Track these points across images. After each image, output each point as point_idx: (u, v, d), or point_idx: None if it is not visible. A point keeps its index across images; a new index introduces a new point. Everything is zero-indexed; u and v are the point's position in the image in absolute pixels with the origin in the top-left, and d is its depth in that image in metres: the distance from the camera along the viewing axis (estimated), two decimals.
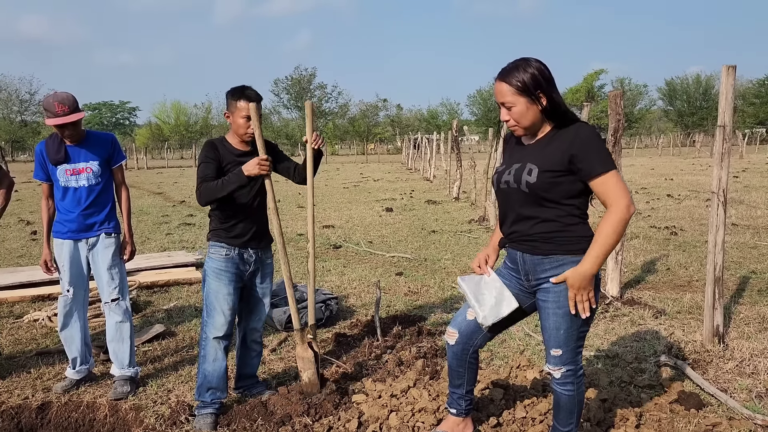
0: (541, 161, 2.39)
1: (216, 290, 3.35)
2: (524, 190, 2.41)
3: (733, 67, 4.01)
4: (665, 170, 25.08)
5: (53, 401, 3.62)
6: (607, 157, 2.33)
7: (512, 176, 2.46)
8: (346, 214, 12.55)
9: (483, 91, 73.74)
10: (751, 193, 14.43)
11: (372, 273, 6.90)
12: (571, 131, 2.37)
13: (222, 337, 3.37)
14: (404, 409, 3.19)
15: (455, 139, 15.54)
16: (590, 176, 2.33)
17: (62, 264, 3.75)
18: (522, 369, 3.74)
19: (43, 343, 4.70)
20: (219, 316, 3.35)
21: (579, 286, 2.35)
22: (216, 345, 3.37)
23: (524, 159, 2.46)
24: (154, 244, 9.12)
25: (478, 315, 2.56)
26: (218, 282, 3.36)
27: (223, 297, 3.35)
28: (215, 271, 3.36)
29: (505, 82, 2.38)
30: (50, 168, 3.70)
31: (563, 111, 2.40)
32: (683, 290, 5.84)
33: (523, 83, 2.34)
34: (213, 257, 3.38)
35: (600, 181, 2.32)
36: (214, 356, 3.37)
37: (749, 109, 65.15)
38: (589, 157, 2.31)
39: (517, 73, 2.36)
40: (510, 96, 2.37)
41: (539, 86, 2.35)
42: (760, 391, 3.55)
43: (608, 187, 2.31)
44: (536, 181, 2.37)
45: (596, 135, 2.36)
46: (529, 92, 2.35)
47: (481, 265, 2.69)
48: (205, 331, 3.39)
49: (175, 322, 5.20)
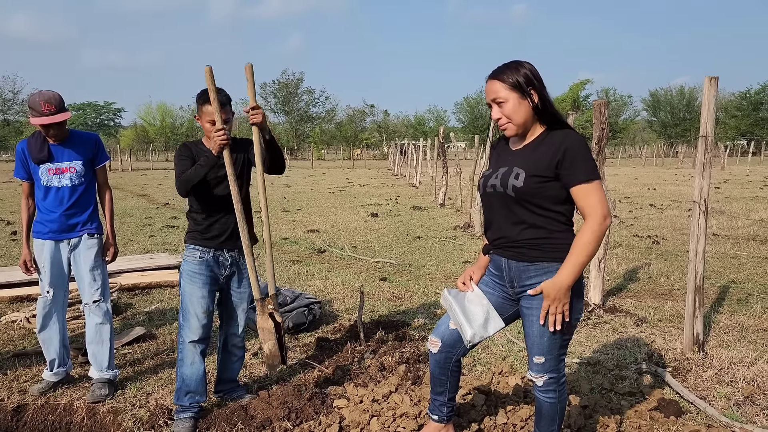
0: (528, 166, 2.39)
1: (190, 293, 3.31)
2: (511, 194, 2.40)
3: (716, 78, 4.06)
4: (648, 180, 25.35)
5: (29, 403, 3.56)
6: (592, 167, 2.34)
7: (499, 180, 2.46)
8: (332, 218, 12.53)
9: (470, 99, 74.23)
10: (731, 204, 14.63)
11: (356, 278, 6.88)
12: (559, 136, 2.38)
13: (198, 341, 3.32)
14: (386, 414, 3.18)
15: (442, 146, 15.59)
16: (572, 183, 2.33)
17: (42, 265, 3.70)
18: (504, 375, 3.75)
19: (20, 344, 4.63)
20: (194, 320, 3.30)
21: (554, 297, 2.34)
22: (192, 349, 3.32)
23: (511, 163, 2.46)
24: (137, 246, 9.03)
25: (465, 332, 2.52)
26: (192, 285, 3.31)
27: (197, 300, 3.30)
28: (189, 273, 3.32)
29: (497, 79, 2.39)
30: (32, 167, 3.65)
31: (553, 112, 2.42)
32: (664, 299, 5.90)
33: (515, 80, 2.36)
34: (188, 260, 3.35)
35: (581, 189, 2.32)
36: (191, 360, 3.32)
37: (731, 122, 66.13)
38: (575, 165, 2.32)
39: (509, 71, 2.38)
40: (503, 92, 2.38)
41: (531, 83, 2.37)
42: (738, 399, 3.58)
43: (588, 198, 2.32)
44: (523, 185, 2.37)
45: (584, 143, 2.37)
46: (521, 88, 2.36)
47: (466, 282, 2.67)
48: (181, 334, 3.34)
49: (156, 324, 5.14)
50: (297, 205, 15.39)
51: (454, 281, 6.71)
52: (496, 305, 2.60)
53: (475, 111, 73.56)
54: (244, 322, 3.56)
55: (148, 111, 72.78)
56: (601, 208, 2.30)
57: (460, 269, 7.36)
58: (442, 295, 2.66)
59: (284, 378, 3.94)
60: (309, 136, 71.05)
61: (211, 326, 3.41)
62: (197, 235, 3.34)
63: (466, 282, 2.67)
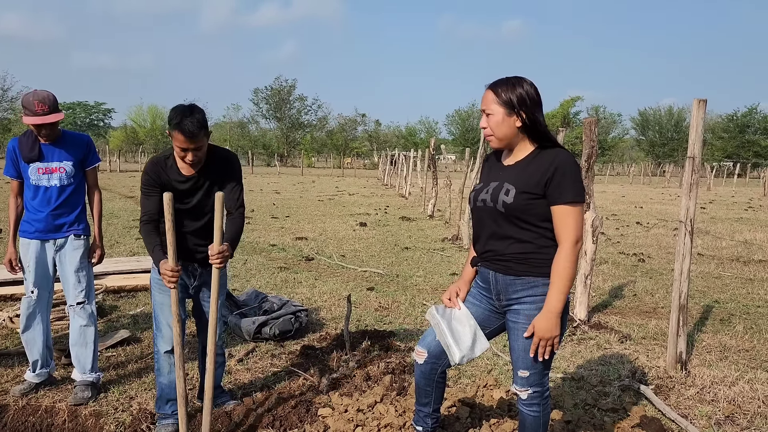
0: (518, 182, 2.41)
1: (160, 302, 3.25)
2: (500, 209, 2.43)
3: (704, 100, 4.13)
4: (635, 198, 25.58)
5: (10, 404, 3.52)
6: (579, 189, 2.37)
7: (489, 195, 2.49)
8: (320, 226, 12.52)
9: (462, 112, 74.62)
10: (716, 225, 14.80)
11: (343, 287, 6.88)
12: (551, 155, 2.40)
13: (171, 351, 3.25)
14: (370, 424, 3.18)
15: (432, 158, 15.65)
16: (556, 202, 2.36)
17: (27, 264, 3.67)
18: (489, 388, 3.76)
19: (2, 344, 4.57)
20: (166, 329, 3.24)
21: (546, 330, 2.37)
22: (167, 359, 3.27)
23: (502, 178, 2.49)
24: (123, 248, 8.98)
25: (453, 354, 2.51)
26: (162, 294, 3.24)
27: (167, 309, 3.22)
28: (158, 282, 3.23)
29: (491, 90, 2.43)
30: (22, 165, 3.63)
31: (543, 131, 2.44)
32: (649, 316, 5.95)
33: (508, 97, 2.39)
34: (156, 267, 3.25)
35: (563, 210, 2.35)
36: (167, 369, 3.28)
37: (718, 143, 67.05)
38: (563, 184, 2.35)
39: (506, 86, 2.41)
40: (492, 104, 2.42)
41: (523, 104, 2.39)
42: (719, 418, 3.62)
43: (567, 219, 2.35)
44: (513, 201, 2.40)
45: (574, 164, 2.40)
46: (512, 106, 2.39)
47: (452, 298, 2.68)
48: (156, 344, 3.29)
49: (141, 328, 5.11)
50: (286, 212, 15.37)
51: (441, 293, 6.73)
52: (482, 317, 2.62)
53: (466, 124, 73.99)
54: (221, 330, 3.46)
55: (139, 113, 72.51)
56: (576, 232, 2.35)
57: (447, 281, 7.38)
58: (429, 312, 2.65)
59: (269, 385, 3.93)
60: (300, 144, 71.04)
61: (184, 335, 3.33)
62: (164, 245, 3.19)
63: (452, 299, 2.68)
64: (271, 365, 4.31)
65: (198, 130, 2.95)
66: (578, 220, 2.36)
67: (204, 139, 3.03)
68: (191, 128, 2.93)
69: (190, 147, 2.98)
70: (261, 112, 71.95)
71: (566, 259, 2.34)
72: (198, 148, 3.02)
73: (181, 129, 2.92)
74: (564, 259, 2.34)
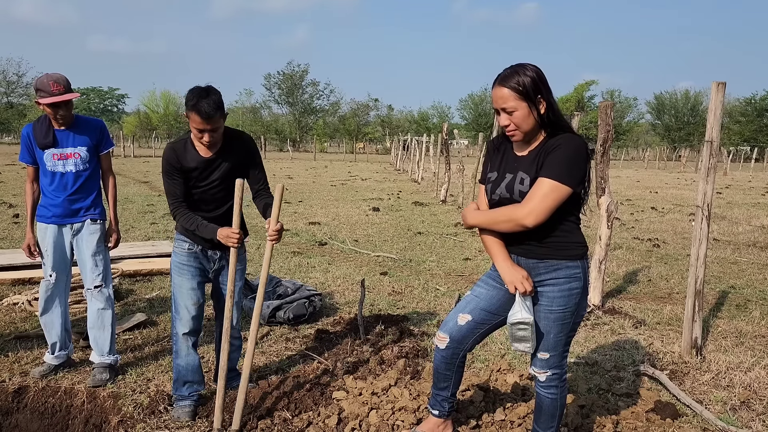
0: (531, 171, 2.39)
1: (179, 285, 3.28)
2: (518, 199, 2.41)
3: (723, 83, 4.06)
4: (650, 183, 25.35)
5: (30, 386, 3.58)
6: (567, 171, 2.30)
7: (504, 188, 2.47)
8: (333, 211, 12.54)
9: (474, 96, 74.05)
10: (733, 210, 14.64)
11: (356, 271, 6.90)
12: (558, 139, 2.38)
13: (189, 333, 3.31)
14: (384, 407, 3.20)
15: (445, 142, 15.58)
16: (541, 174, 2.33)
17: (45, 249, 3.71)
18: (502, 372, 3.77)
19: (22, 326, 4.65)
20: (184, 312, 3.28)
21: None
22: (185, 341, 3.31)
23: (516, 169, 2.46)
24: (139, 233, 9.05)
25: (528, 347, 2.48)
26: (181, 277, 3.28)
27: (186, 292, 3.27)
28: (178, 265, 3.29)
29: (507, 87, 2.35)
30: (37, 152, 3.66)
31: (558, 118, 2.41)
32: (663, 302, 5.92)
33: (525, 87, 2.34)
34: (176, 251, 3.31)
35: (542, 181, 2.32)
36: (185, 352, 3.32)
37: (735, 127, 66.06)
38: (553, 160, 2.32)
39: (517, 77, 2.35)
40: (512, 101, 2.35)
41: (539, 91, 2.36)
42: (734, 404, 3.60)
43: (538, 190, 2.31)
44: (528, 189, 2.38)
45: (577, 149, 2.34)
46: (530, 97, 2.35)
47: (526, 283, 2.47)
48: (174, 326, 3.33)
49: (157, 311, 5.17)
50: (299, 197, 15.41)
51: (454, 278, 6.74)
52: (502, 301, 2.62)
53: (479, 108, 73.44)
54: (239, 315, 3.49)
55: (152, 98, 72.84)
56: (535, 207, 2.30)
57: (460, 266, 7.38)
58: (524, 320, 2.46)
59: (284, 369, 3.96)
60: (312, 129, 70.98)
61: (202, 318, 3.40)
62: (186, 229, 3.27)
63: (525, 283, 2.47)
64: (285, 349, 4.35)
65: (214, 111, 2.97)
66: (545, 199, 2.29)
67: (221, 120, 3.05)
68: (207, 109, 2.94)
69: (207, 128, 3.00)
70: (273, 97, 71.93)
71: (506, 214, 2.38)
72: (214, 129, 3.04)
73: (197, 110, 2.94)
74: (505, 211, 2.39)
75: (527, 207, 2.32)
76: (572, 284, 2.45)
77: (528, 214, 2.31)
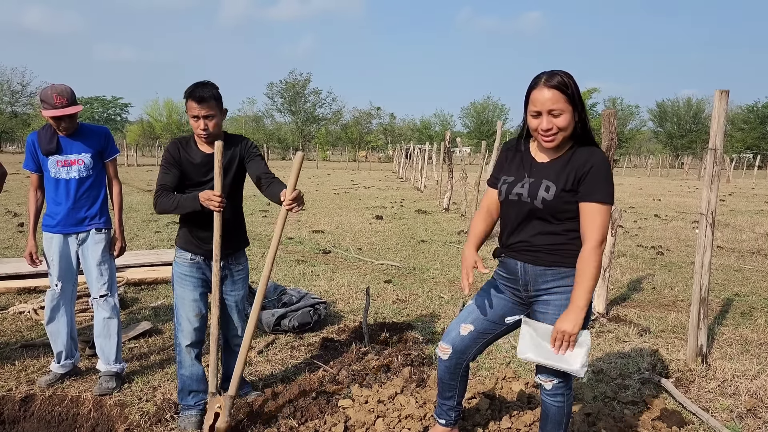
0: (559, 180, 2.40)
1: (181, 297, 3.28)
2: (538, 206, 2.41)
3: (726, 91, 4.08)
4: (653, 191, 25.33)
5: (37, 394, 3.59)
6: (611, 191, 2.37)
7: (526, 190, 2.45)
8: (336, 220, 12.56)
9: (477, 104, 74.19)
10: (737, 217, 14.62)
11: (361, 279, 6.91)
12: (587, 152, 2.40)
13: (192, 345, 3.30)
14: (391, 415, 3.20)
15: (447, 150, 15.61)
16: (587, 199, 2.35)
17: (51, 258, 3.73)
18: (508, 380, 3.77)
19: (28, 335, 4.66)
20: (186, 324, 3.28)
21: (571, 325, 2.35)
22: (188, 352, 3.31)
23: (539, 175, 2.45)
24: (143, 242, 9.08)
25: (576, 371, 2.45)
26: (183, 288, 3.27)
27: (188, 304, 3.26)
28: (180, 276, 3.28)
29: (556, 88, 2.32)
30: (41, 159, 3.68)
31: (589, 126, 2.43)
32: (668, 309, 5.91)
33: (572, 90, 2.33)
34: (178, 261, 3.30)
35: (593, 207, 2.34)
36: (189, 362, 3.32)
37: (737, 135, 66.03)
38: (596, 182, 2.34)
39: (563, 79, 2.33)
40: (561, 103, 2.32)
41: (580, 97, 2.38)
42: (740, 411, 3.60)
43: (596, 218, 2.34)
44: (553, 199, 2.39)
45: (609, 164, 2.40)
46: (575, 101, 2.35)
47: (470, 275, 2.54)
48: (176, 337, 3.33)
49: (162, 320, 5.18)
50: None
51: (458, 286, 6.74)
52: (505, 309, 2.62)
53: (481, 116, 73.60)
54: (243, 323, 3.48)
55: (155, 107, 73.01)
56: (602, 231, 2.34)
57: None
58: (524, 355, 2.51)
59: (289, 377, 3.97)
60: (314, 137, 71.12)
61: (204, 329, 3.38)
62: (186, 239, 3.29)
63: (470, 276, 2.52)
64: (290, 357, 4.35)
65: (207, 96, 3.08)
66: (605, 221, 2.35)
67: (216, 108, 3.13)
68: (201, 93, 3.07)
69: (202, 113, 3.09)
70: (276, 106, 72.12)
71: (592, 258, 2.33)
72: (209, 116, 3.11)
73: (192, 95, 3.08)
74: (589, 257, 2.33)
75: (593, 239, 2.33)
76: None
77: (596, 243, 2.34)
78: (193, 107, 3.09)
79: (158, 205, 3.15)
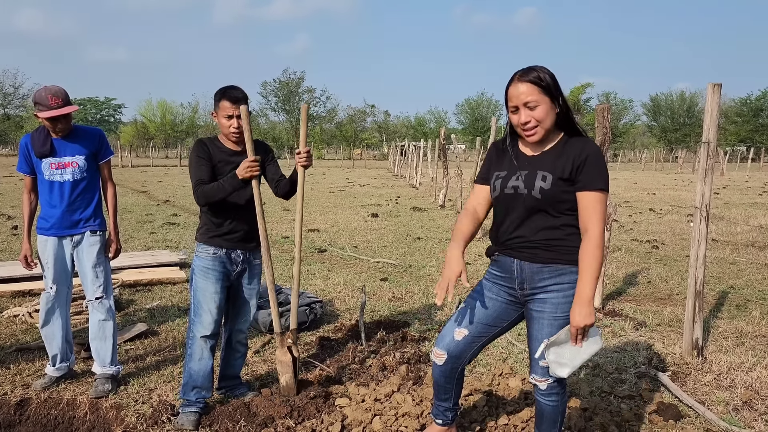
0: (555, 170, 2.40)
1: (203, 289, 3.35)
2: (536, 196, 2.40)
3: (719, 85, 4.09)
4: (648, 185, 25.40)
5: (32, 398, 3.57)
6: (607, 178, 2.39)
7: (522, 182, 2.45)
8: (332, 218, 12.55)
9: (471, 100, 74.24)
10: (731, 210, 14.67)
11: (357, 278, 6.91)
12: (581, 142, 2.42)
13: (209, 336, 3.37)
14: (388, 413, 3.20)
15: (442, 147, 15.61)
16: (587, 188, 2.36)
17: (46, 261, 3.71)
18: (504, 377, 3.78)
19: (23, 338, 4.64)
20: (206, 315, 3.35)
21: (583, 317, 2.34)
22: (203, 344, 3.37)
23: (532, 167, 2.45)
24: (138, 243, 9.05)
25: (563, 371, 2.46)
26: (205, 281, 3.35)
27: (210, 295, 3.35)
28: (202, 269, 3.36)
29: (528, 82, 2.35)
30: (35, 161, 3.66)
31: (572, 117, 2.45)
32: (664, 303, 5.93)
33: (546, 82, 2.35)
34: (200, 255, 3.38)
35: (593, 196, 2.35)
36: (200, 355, 3.36)
37: (731, 128, 66.30)
38: (594, 171, 2.36)
39: (536, 73, 2.36)
40: (536, 95, 2.35)
41: (558, 88, 2.39)
42: (736, 404, 3.61)
43: (596, 206, 2.35)
44: (551, 187, 2.38)
45: (601, 154, 2.42)
46: (551, 92, 2.37)
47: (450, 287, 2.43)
48: (192, 329, 3.38)
49: (158, 321, 5.16)
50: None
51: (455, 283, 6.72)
52: (500, 310, 2.60)
53: (475, 113, 73.65)
54: (251, 318, 3.61)
55: (149, 107, 72.80)
56: (603, 220, 2.38)
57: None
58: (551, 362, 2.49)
59: None
60: (309, 136, 71.05)
61: (221, 322, 3.47)
62: (211, 233, 3.38)
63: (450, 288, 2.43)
64: None
65: (241, 97, 3.27)
66: (605, 209, 2.38)
67: (247, 109, 3.27)
68: (236, 94, 3.26)
69: (237, 113, 3.25)
70: (270, 105, 71.98)
71: (596, 247, 2.34)
72: (247, 119, 3.26)
73: (227, 96, 3.25)
74: (594, 246, 2.34)
75: (596, 227, 2.35)
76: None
77: (600, 232, 2.35)
78: (227, 107, 3.25)
79: (203, 195, 3.28)
